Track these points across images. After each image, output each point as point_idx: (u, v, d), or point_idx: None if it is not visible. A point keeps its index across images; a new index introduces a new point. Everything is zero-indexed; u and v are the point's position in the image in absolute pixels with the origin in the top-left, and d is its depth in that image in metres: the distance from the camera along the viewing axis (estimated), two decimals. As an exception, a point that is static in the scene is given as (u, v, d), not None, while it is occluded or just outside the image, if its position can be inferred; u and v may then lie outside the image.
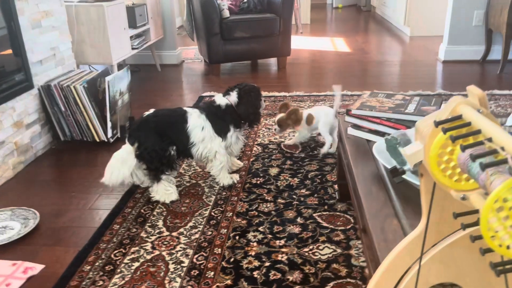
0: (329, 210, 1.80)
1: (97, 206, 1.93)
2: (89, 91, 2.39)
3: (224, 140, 1.95)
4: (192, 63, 4.47)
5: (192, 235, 1.67)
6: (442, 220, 0.73)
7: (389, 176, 1.29)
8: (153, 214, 1.82)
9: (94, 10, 2.96)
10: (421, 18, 5.36)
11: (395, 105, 1.58)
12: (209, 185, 2.04)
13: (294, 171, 2.14)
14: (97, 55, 3.07)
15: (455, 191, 0.63)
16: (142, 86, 3.69)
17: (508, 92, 3.18)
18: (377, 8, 7.32)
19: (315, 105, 2.80)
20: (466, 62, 4.05)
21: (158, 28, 4.06)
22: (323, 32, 6.01)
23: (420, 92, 3.24)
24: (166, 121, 1.91)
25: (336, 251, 1.55)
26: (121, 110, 2.60)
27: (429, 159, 0.62)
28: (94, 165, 2.31)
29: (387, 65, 4.17)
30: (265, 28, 3.89)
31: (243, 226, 1.71)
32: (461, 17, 3.97)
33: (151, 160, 1.85)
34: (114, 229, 1.73)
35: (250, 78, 3.87)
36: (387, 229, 1.07)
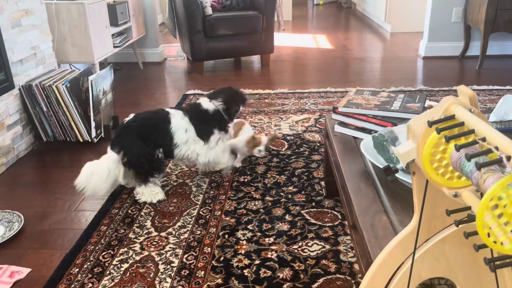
0: (317, 207, 1.82)
1: (82, 208, 1.91)
2: (71, 91, 2.35)
3: (207, 143, 1.96)
4: (175, 61, 4.44)
5: (181, 235, 1.66)
6: (433, 217, 0.74)
7: (377, 173, 1.31)
8: (140, 215, 1.81)
9: (75, 8, 2.90)
10: (401, 15, 5.43)
11: (380, 102, 1.60)
12: (196, 184, 2.04)
13: (281, 168, 2.15)
14: (79, 54, 3.02)
15: (447, 188, 0.65)
16: (125, 84, 3.64)
17: (486, 87, 3.25)
18: (357, 5, 7.39)
19: None
20: (445, 58, 4.13)
21: (140, 26, 4.01)
22: (305, 29, 6.03)
23: (402, 88, 3.29)
24: (148, 124, 1.90)
25: (324, 247, 1.57)
26: (104, 109, 2.56)
27: (423, 158, 0.63)
28: (78, 166, 2.26)
29: (369, 61, 4.21)
30: (248, 25, 3.88)
31: (232, 225, 1.72)
32: (441, 14, 4.05)
33: (141, 166, 1.84)
34: (101, 230, 1.72)
35: (234, 76, 3.86)
36: (377, 225, 1.09)
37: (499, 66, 3.87)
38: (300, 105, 3.03)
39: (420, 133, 0.64)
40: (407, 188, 1.18)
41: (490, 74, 3.65)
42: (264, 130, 2.61)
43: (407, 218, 1.11)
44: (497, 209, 0.48)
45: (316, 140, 2.45)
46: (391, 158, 1.29)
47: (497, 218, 0.48)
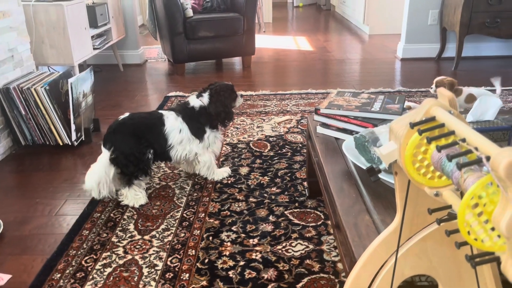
0: (300, 207, 1.84)
1: (64, 212, 1.88)
2: (51, 94, 2.31)
3: (202, 141, 1.96)
4: (156, 63, 4.41)
5: (165, 238, 1.66)
6: (415, 215, 0.77)
7: (359, 173, 1.33)
8: (123, 218, 1.80)
9: (53, 10, 2.86)
10: (380, 17, 5.53)
11: (361, 103, 1.63)
12: (179, 187, 2.03)
13: (264, 169, 2.17)
14: (57, 56, 2.97)
15: (428, 188, 0.67)
16: (105, 87, 3.60)
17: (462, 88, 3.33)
18: (336, 7, 7.48)
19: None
20: (422, 60, 4.22)
21: (120, 27, 3.97)
22: (286, 31, 6.07)
23: (382, 90, 3.34)
24: (144, 124, 1.89)
25: (308, 247, 1.59)
26: (85, 112, 2.53)
27: (405, 159, 0.65)
28: (58, 170, 2.25)
29: (348, 63, 4.27)
30: (229, 27, 3.89)
31: (216, 227, 1.72)
32: (417, 17, 4.13)
33: (127, 165, 1.82)
34: (83, 235, 1.69)
35: (215, 78, 3.86)
36: (360, 224, 1.11)
37: (474, 67, 3.97)
38: (282, 106, 3.05)
39: (402, 135, 0.66)
40: (389, 188, 1.21)
41: (465, 75, 3.75)
42: (247, 132, 2.62)
43: (389, 218, 1.13)
44: (477, 208, 0.50)
45: (298, 141, 2.48)
46: (373, 159, 1.32)
47: (478, 216, 0.50)
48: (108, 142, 1.86)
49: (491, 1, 3.61)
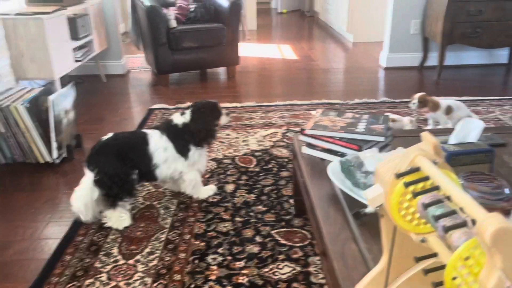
0: (287, 226, 1.83)
1: (46, 235, 1.84)
2: (31, 111, 2.27)
3: (187, 159, 1.94)
4: (139, 73, 4.36)
5: (149, 262, 1.63)
6: (402, 256, 0.76)
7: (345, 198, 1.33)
8: (106, 241, 1.76)
9: (33, 24, 2.80)
10: (363, 25, 5.57)
11: (346, 124, 1.63)
12: (164, 206, 2.00)
13: (250, 186, 2.15)
14: (38, 70, 2.92)
15: (414, 234, 0.67)
16: (87, 99, 3.55)
17: (445, 98, 3.37)
18: (320, 14, 7.52)
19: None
20: (406, 69, 4.26)
21: (102, 38, 3.92)
22: (270, 38, 6.08)
23: (366, 100, 3.36)
24: (128, 144, 1.86)
25: (295, 269, 1.58)
26: (66, 129, 2.49)
27: (390, 207, 0.65)
28: (39, 189, 2.20)
29: (332, 72, 4.29)
30: (213, 37, 3.88)
31: (202, 249, 1.70)
32: (400, 26, 4.18)
33: (111, 186, 1.79)
34: (65, 260, 1.66)
35: (200, 89, 3.84)
36: (347, 254, 1.10)
37: (456, 76, 4.03)
38: (267, 118, 3.04)
39: (387, 182, 0.66)
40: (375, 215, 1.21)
41: (448, 84, 3.80)
42: (232, 146, 2.61)
43: (376, 246, 1.13)
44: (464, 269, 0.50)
45: (284, 156, 2.47)
46: (358, 183, 1.32)
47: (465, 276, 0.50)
48: (91, 164, 1.82)
49: (471, 11, 3.67)
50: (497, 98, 3.35)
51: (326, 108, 3.22)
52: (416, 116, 2.82)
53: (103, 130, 2.89)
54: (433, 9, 3.90)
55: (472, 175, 1.08)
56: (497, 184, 1.06)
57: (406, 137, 1.79)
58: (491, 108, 3.16)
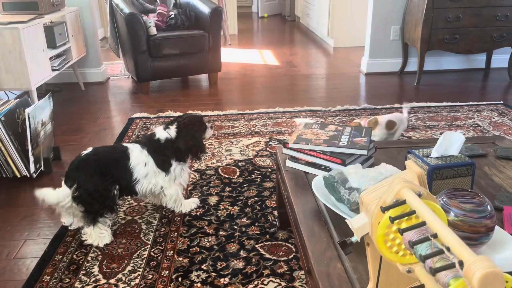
0: (271, 240, 1.82)
1: (23, 255, 1.78)
2: (7, 125, 2.20)
3: (168, 174, 1.90)
4: (119, 80, 4.30)
5: (131, 281, 1.59)
6: (388, 283, 0.75)
7: (329, 213, 1.32)
8: (87, 260, 1.72)
9: (8, 33, 2.73)
10: (344, 30, 5.61)
11: (329, 137, 1.62)
12: (146, 221, 1.97)
13: (234, 198, 2.13)
14: (14, 81, 2.84)
15: (401, 264, 0.66)
16: (66, 108, 3.48)
17: (425, 104, 3.42)
18: (301, 18, 7.55)
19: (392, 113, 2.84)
20: (386, 74, 4.31)
21: (80, 46, 3.85)
22: (251, 43, 6.07)
23: (347, 107, 3.38)
24: (108, 159, 1.82)
25: (280, 285, 1.56)
26: (44, 141, 2.42)
27: (376, 239, 0.64)
28: (16, 205, 2.13)
29: (314, 78, 4.31)
30: (194, 44, 3.85)
31: (185, 266, 1.67)
32: (380, 32, 4.22)
33: (91, 203, 1.74)
34: (44, 281, 1.61)
35: (181, 96, 3.80)
36: (332, 273, 1.09)
37: (435, 81, 4.09)
38: (250, 127, 3.03)
39: (373, 213, 0.65)
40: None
41: (427, 89, 3.85)
42: (215, 156, 2.58)
43: (361, 265, 1.12)
44: (452, 311, 0.49)
45: (268, 165, 2.46)
46: (342, 199, 1.31)
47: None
48: (70, 180, 1.77)
49: (449, 18, 3.73)
50: (476, 104, 3.41)
51: (308, 115, 3.22)
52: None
53: (82, 141, 2.84)
54: (412, 15, 3.95)
55: (454, 192, 1.08)
56: (479, 200, 1.06)
57: (388, 148, 1.79)
58: (470, 113, 3.21)
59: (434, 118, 3.13)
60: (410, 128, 2.96)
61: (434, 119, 3.12)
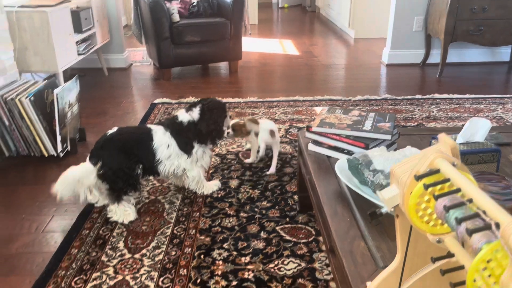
0: (291, 223, 1.84)
1: (51, 229, 1.84)
2: (36, 105, 2.26)
3: (190, 156, 1.94)
4: (141, 67, 4.35)
5: (155, 256, 1.64)
6: (415, 255, 0.77)
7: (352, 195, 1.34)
8: (112, 235, 1.77)
9: (37, 16, 2.79)
10: (365, 21, 5.57)
11: (352, 122, 1.64)
12: (169, 201, 2.01)
13: (254, 182, 2.16)
14: (41, 63, 2.91)
15: (431, 234, 0.68)
16: (90, 92, 3.54)
17: (447, 96, 3.39)
18: (321, 9, 7.50)
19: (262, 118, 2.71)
20: (407, 66, 4.27)
21: (105, 31, 3.91)
22: (271, 33, 6.07)
23: (368, 97, 3.37)
24: (132, 139, 1.86)
25: (300, 265, 1.59)
26: (70, 122, 2.49)
27: (408, 208, 0.66)
28: (43, 183, 2.20)
29: (334, 68, 4.29)
30: (216, 32, 3.87)
31: (207, 244, 1.71)
32: (403, 23, 4.18)
33: (116, 181, 1.79)
34: (72, 253, 1.67)
35: (202, 83, 3.84)
36: (355, 251, 1.11)
37: (458, 74, 4.04)
38: (270, 114, 3.05)
39: (405, 183, 0.67)
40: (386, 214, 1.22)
41: (450, 82, 3.81)
42: (236, 142, 2.61)
43: (384, 243, 1.14)
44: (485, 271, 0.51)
45: (287, 152, 2.48)
46: (366, 181, 1.33)
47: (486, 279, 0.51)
48: (94, 157, 1.82)
49: (474, 9, 3.67)
50: (499, 97, 3.36)
51: (328, 104, 3.23)
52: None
53: (106, 124, 2.90)
54: (436, 6, 3.90)
55: (481, 175, 1.09)
56: (505, 184, 1.07)
57: (411, 135, 1.79)
58: (493, 106, 3.17)
59: (456, 110, 3.10)
60: (432, 118, 2.95)
61: (456, 110, 3.10)
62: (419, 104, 3.22)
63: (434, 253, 0.76)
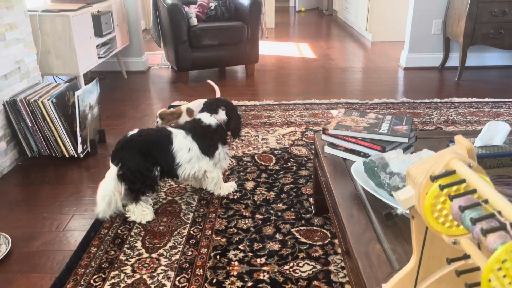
0: (306, 225, 1.85)
1: (71, 228, 1.89)
2: (57, 106, 2.32)
3: (212, 158, 1.97)
4: (159, 70, 4.41)
5: (172, 256, 1.67)
6: (431, 257, 0.77)
7: (368, 197, 1.34)
8: (130, 235, 1.80)
9: (59, 20, 2.87)
10: (382, 24, 5.53)
11: (369, 124, 1.64)
12: (186, 202, 2.04)
13: (270, 184, 2.18)
14: (63, 66, 2.98)
15: (447, 236, 0.68)
16: (110, 95, 3.61)
17: (466, 99, 3.35)
18: (339, 13, 7.48)
19: (194, 100, 2.93)
20: (426, 69, 4.23)
21: (124, 35, 3.98)
22: (288, 37, 6.08)
23: (385, 100, 3.35)
24: (151, 141, 1.89)
25: (315, 268, 1.59)
26: (91, 124, 2.54)
27: (424, 209, 0.66)
28: (64, 183, 2.25)
29: (351, 71, 4.28)
30: (233, 35, 3.90)
31: (223, 245, 1.73)
32: (421, 26, 4.14)
33: (134, 181, 1.83)
34: (91, 252, 1.70)
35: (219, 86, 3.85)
36: (371, 253, 1.12)
37: (477, 77, 3.98)
38: (286, 117, 3.06)
39: (421, 184, 0.67)
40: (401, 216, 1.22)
41: (468, 85, 3.76)
42: (252, 144, 2.63)
43: (400, 246, 1.14)
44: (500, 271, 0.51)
45: (303, 155, 2.48)
46: (382, 184, 1.33)
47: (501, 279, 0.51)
48: (116, 158, 1.86)
49: (494, 12, 3.62)
50: (520, 101, 3.30)
51: (345, 107, 3.22)
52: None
53: (124, 126, 2.95)
54: (455, 9, 3.86)
55: (500, 178, 1.08)
56: (524, 188, 1.06)
57: (428, 138, 1.78)
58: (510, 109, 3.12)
59: (475, 114, 3.06)
60: (450, 122, 2.92)
61: (475, 114, 3.06)
62: (437, 108, 3.19)
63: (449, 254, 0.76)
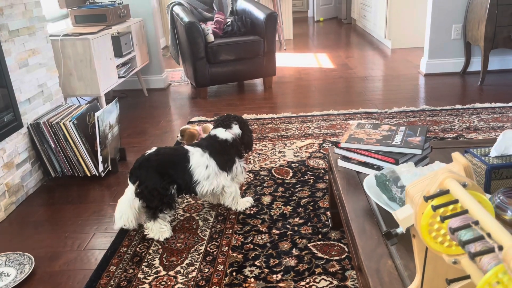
0: (323, 239, 1.83)
1: (92, 246, 1.93)
2: (78, 127, 2.39)
3: (230, 173, 2.00)
4: (179, 86, 4.49)
5: (189, 273, 1.68)
6: (435, 276, 0.76)
7: (380, 212, 1.32)
8: (149, 253, 1.83)
9: (80, 44, 2.97)
10: (402, 31, 5.48)
11: (382, 136, 1.62)
12: (203, 218, 2.06)
13: (287, 198, 2.17)
14: (85, 88, 3.08)
15: (446, 255, 0.67)
16: (130, 113, 3.70)
17: (489, 105, 3.26)
18: (357, 21, 7.45)
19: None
20: (447, 75, 4.15)
21: (144, 54, 4.08)
22: (306, 47, 6.09)
23: (405, 109, 3.30)
24: (168, 160, 1.93)
25: (332, 283, 1.58)
26: (111, 143, 2.61)
27: (420, 228, 0.65)
28: (86, 202, 2.31)
29: (371, 80, 4.24)
30: (250, 50, 3.94)
31: (240, 261, 1.73)
32: (440, 31, 4.08)
33: (151, 199, 1.87)
34: (110, 271, 1.74)
35: (237, 100, 3.90)
36: (382, 270, 1.10)
37: (500, 81, 3.88)
38: (304, 129, 3.05)
39: (417, 203, 0.66)
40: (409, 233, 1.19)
41: (492, 90, 3.67)
42: (269, 158, 2.64)
43: (412, 262, 1.12)
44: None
45: (321, 167, 2.47)
46: (394, 198, 1.31)
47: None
48: (133, 177, 1.91)
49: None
50: (546, 104, 3.20)
51: (363, 117, 3.19)
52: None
53: (145, 143, 3.01)
54: (474, 13, 3.79)
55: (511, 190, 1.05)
56: (539, 200, 1.03)
57: (445, 148, 1.75)
58: (539, 114, 3.02)
59: (499, 119, 2.98)
60: (473, 129, 2.85)
61: (499, 120, 2.97)
62: (459, 115, 3.12)
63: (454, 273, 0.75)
